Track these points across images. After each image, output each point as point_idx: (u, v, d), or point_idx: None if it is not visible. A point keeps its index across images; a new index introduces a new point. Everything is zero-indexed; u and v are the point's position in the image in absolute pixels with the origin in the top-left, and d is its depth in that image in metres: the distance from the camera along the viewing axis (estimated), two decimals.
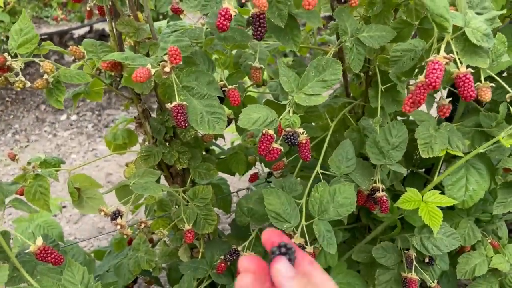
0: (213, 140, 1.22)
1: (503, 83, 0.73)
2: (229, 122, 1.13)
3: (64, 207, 2.74)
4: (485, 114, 1.14)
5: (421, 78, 0.64)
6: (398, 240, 1.17)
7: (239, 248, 1.02)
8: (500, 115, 1.06)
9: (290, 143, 0.74)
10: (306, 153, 0.77)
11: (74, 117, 3.56)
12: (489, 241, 1.32)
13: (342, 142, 0.94)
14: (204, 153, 1.19)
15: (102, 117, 3.57)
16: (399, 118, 1.35)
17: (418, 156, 1.36)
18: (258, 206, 0.97)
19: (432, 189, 1.08)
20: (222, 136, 1.17)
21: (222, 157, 1.23)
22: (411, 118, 1.32)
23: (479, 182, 1.12)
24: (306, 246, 0.85)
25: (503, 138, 1.02)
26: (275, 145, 0.76)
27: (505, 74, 1.25)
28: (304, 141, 0.77)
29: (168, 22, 1.07)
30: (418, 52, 0.72)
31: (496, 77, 0.84)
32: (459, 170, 1.12)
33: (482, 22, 0.63)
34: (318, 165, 0.93)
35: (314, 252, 1.16)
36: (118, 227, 0.80)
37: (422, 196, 1.06)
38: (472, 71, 0.64)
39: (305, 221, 0.86)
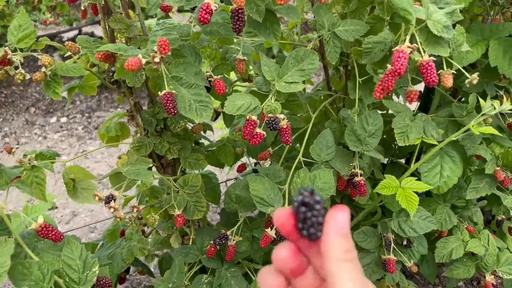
0: (202, 133, 1.28)
1: (466, 73, 0.80)
2: (217, 115, 1.19)
3: (56, 207, 2.77)
4: (456, 105, 1.21)
5: (389, 66, 0.71)
6: (378, 225, 1.24)
7: (228, 233, 1.08)
8: (470, 104, 1.13)
9: (272, 127, 0.80)
10: (287, 137, 0.84)
11: (64, 119, 3.58)
12: (465, 226, 1.40)
13: (322, 131, 1.01)
14: (194, 145, 1.24)
15: (92, 119, 3.60)
16: (379, 112, 1.43)
17: (397, 146, 1.43)
18: (244, 192, 1.03)
19: (409, 176, 1.15)
20: (211, 128, 1.23)
21: (211, 149, 1.29)
22: (390, 111, 1.40)
23: (452, 169, 1.19)
24: None
25: (473, 126, 1.10)
26: (258, 130, 0.82)
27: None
28: (285, 126, 0.83)
29: (157, 21, 1.13)
30: (388, 44, 0.79)
31: (461, 69, 0.91)
32: (434, 157, 1.19)
33: (443, 15, 0.71)
34: (300, 153, 1.00)
35: None
36: (112, 210, 0.85)
37: (400, 183, 1.13)
38: (434, 59, 0.71)
39: (288, 205, 0.92)
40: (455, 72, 0.77)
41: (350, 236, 0.35)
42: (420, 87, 1.50)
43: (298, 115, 1.22)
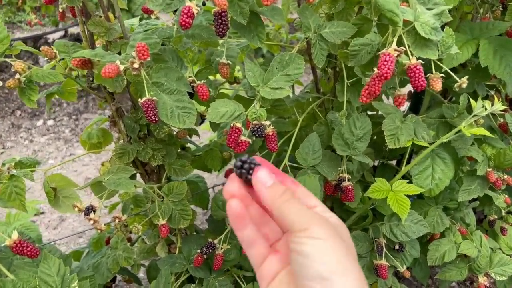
0: (189, 138, 1.24)
1: (454, 76, 0.78)
2: (203, 119, 1.16)
3: (42, 213, 2.71)
4: (447, 106, 1.19)
5: (375, 70, 0.68)
6: (370, 230, 1.22)
7: (215, 241, 1.05)
8: (461, 105, 1.11)
9: (257, 135, 0.77)
10: (273, 145, 0.81)
11: (50, 122, 3.52)
12: (458, 228, 1.38)
13: (309, 135, 0.98)
14: (179, 150, 1.21)
15: (79, 121, 3.54)
16: (369, 112, 1.40)
17: (387, 148, 1.41)
18: None
19: (400, 179, 1.13)
20: (197, 133, 1.20)
21: (197, 154, 1.26)
22: (380, 112, 1.38)
23: (444, 171, 1.17)
24: None
25: (464, 127, 1.08)
26: (243, 137, 0.79)
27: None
28: (270, 133, 0.80)
29: (140, 20, 1.10)
30: (375, 46, 0.76)
31: (450, 72, 0.88)
32: (425, 160, 1.17)
33: (431, 17, 0.68)
34: (286, 157, 0.97)
35: None
36: (92, 222, 0.81)
37: (391, 186, 1.11)
38: (422, 62, 0.69)
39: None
40: (444, 75, 0.74)
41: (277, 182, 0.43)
42: (410, 87, 1.48)
43: (286, 118, 1.20)
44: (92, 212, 0.81)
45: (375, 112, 1.45)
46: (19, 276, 0.69)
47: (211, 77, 1.24)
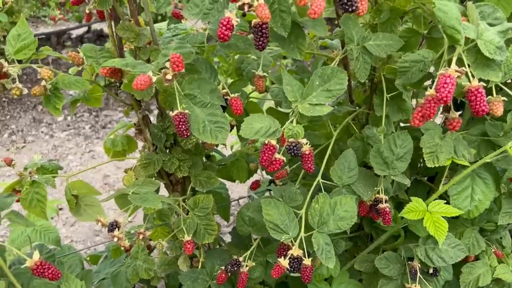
0: (214, 147, 1.20)
1: (510, 92, 0.71)
2: (231, 127, 1.11)
3: (60, 209, 2.71)
4: (491, 123, 1.12)
5: (431, 91, 0.62)
6: (401, 250, 1.16)
7: (240, 258, 1.00)
8: (508, 124, 1.04)
9: (293, 154, 0.72)
10: (309, 165, 0.76)
11: (71, 118, 3.53)
12: (493, 250, 1.31)
13: (344, 152, 0.92)
14: (204, 160, 1.16)
15: (99, 118, 3.54)
16: (402, 124, 1.33)
17: (422, 165, 1.34)
18: (258, 215, 0.95)
19: (436, 199, 1.06)
20: (224, 143, 1.15)
21: (223, 164, 1.21)
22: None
23: (485, 192, 1.10)
24: (304, 258, 0.83)
25: (510, 148, 1.00)
26: (277, 155, 0.74)
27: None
28: (307, 152, 0.75)
29: (168, 24, 1.05)
30: (428, 63, 0.70)
31: (503, 87, 0.82)
32: (464, 179, 1.10)
33: (495, 34, 0.62)
34: (319, 174, 0.91)
35: (314, 262, 1.15)
36: (115, 239, 0.77)
37: (427, 206, 1.04)
38: (484, 84, 0.62)
39: (304, 233, 0.84)
40: (505, 99, 0.68)
41: None
42: None
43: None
44: (117, 228, 0.77)
45: (408, 124, 1.38)
46: None
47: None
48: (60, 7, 3.43)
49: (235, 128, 1.19)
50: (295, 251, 0.83)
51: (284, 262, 0.84)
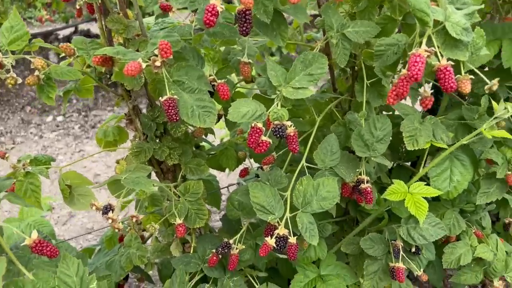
0: (203, 137, 1.23)
1: (483, 76, 0.76)
2: (218, 117, 1.15)
3: (52, 208, 2.72)
4: (467, 107, 1.17)
5: (403, 71, 0.67)
6: (385, 231, 1.20)
7: (231, 241, 1.04)
8: (482, 107, 1.09)
9: (278, 135, 0.76)
10: (294, 145, 0.80)
11: (60, 118, 3.53)
12: (473, 231, 1.36)
13: (327, 137, 0.97)
14: (195, 149, 1.20)
15: (89, 118, 3.55)
16: (384, 113, 1.38)
17: (404, 149, 1.39)
18: (246, 199, 0.99)
19: (417, 181, 1.11)
20: (212, 132, 1.19)
21: (212, 153, 1.25)
22: (396, 112, 1.36)
23: (463, 173, 1.15)
24: (290, 237, 0.87)
25: (485, 129, 1.06)
26: (264, 138, 0.77)
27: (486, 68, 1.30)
28: (292, 134, 0.79)
29: (155, 19, 1.09)
30: (401, 46, 0.75)
31: (477, 71, 0.87)
32: (443, 162, 1.15)
33: (462, 17, 0.66)
34: (303, 158, 0.96)
35: (301, 246, 1.19)
36: (110, 221, 0.81)
37: (408, 188, 1.09)
38: (453, 63, 0.67)
39: (290, 213, 0.88)
40: (473, 77, 0.72)
41: None
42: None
43: (302, 118, 1.18)
44: (111, 211, 0.81)
45: (390, 113, 1.43)
46: (38, 276, 0.68)
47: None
48: (46, 7, 3.43)
49: (223, 121, 1.23)
50: (281, 231, 0.88)
51: (270, 241, 0.88)
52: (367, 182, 1.00)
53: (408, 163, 1.52)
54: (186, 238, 1.14)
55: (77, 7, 1.05)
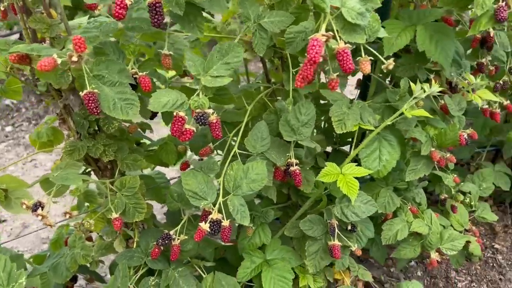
0: (143, 133, 1.25)
1: (381, 58, 0.82)
2: (155, 114, 1.17)
3: (4, 221, 2.64)
4: (391, 90, 1.25)
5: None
6: (324, 213, 1.26)
7: (171, 232, 1.06)
8: (401, 89, 1.17)
9: (200, 122, 0.79)
10: (217, 132, 0.83)
11: (9, 128, 3.42)
12: (409, 207, 1.45)
13: (257, 124, 1.01)
14: (135, 145, 1.22)
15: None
16: (321, 102, 1.45)
17: (338, 135, 1.46)
18: (182, 189, 1.02)
19: (350, 162, 1.18)
20: (149, 127, 1.21)
21: (152, 148, 1.26)
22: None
23: (391, 153, 1.23)
24: (223, 220, 0.91)
25: (406, 110, 1.13)
26: (187, 126, 0.80)
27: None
28: (214, 121, 0.82)
29: (89, 18, 1.09)
30: (308, 33, 0.80)
31: (379, 55, 0.90)
32: (372, 143, 1.22)
33: (357, 2, 0.72)
34: (236, 145, 0.99)
35: (246, 234, 1.23)
36: (40, 217, 0.81)
37: (341, 169, 1.15)
38: (351, 46, 0.73)
39: (223, 198, 0.92)
40: (372, 58, 0.78)
41: None
42: (360, 75, 1.54)
43: (240, 109, 1.22)
44: (40, 208, 0.81)
45: (326, 101, 1.50)
46: None
47: (165, 73, 1.25)
48: None
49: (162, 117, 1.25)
50: (215, 215, 0.91)
51: (204, 226, 0.91)
52: (296, 164, 1.05)
53: (347, 148, 1.60)
54: (129, 234, 1.16)
55: (1, 8, 1.04)
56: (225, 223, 0.91)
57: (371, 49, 0.79)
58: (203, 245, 1.18)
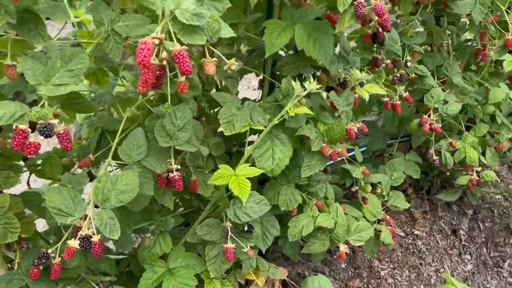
0: None
1: (224, 59, 0.81)
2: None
3: None
4: (279, 90, 1.26)
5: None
6: (223, 216, 1.25)
7: (49, 251, 1.01)
8: (284, 88, 1.18)
9: (45, 134, 0.75)
10: (66, 143, 0.79)
11: None
12: (314, 202, 1.47)
13: (132, 131, 0.98)
14: (15, 162, 1.15)
15: None
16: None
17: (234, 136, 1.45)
18: None
19: (245, 163, 1.17)
20: None
21: (37, 164, 1.20)
22: None
23: (283, 151, 1.23)
24: (94, 236, 0.87)
25: (290, 108, 1.14)
26: (32, 139, 0.76)
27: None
28: (62, 132, 0.78)
29: None
30: None
31: (221, 55, 0.91)
32: (265, 142, 1.23)
33: (192, 3, 0.71)
34: (110, 155, 0.96)
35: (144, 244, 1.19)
36: None
37: (235, 171, 1.15)
38: (187, 48, 0.71)
39: (93, 212, 0.88)
40: (217, 59, 0.78)
41: None
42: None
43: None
44: None
45: None
46: None
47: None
48: None
49: None
50: (84, 231, 0.87)
51: (73, 243, 0.88)
52: (176, 170, 1.03)
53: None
54: (10, 256, 1.09)
55: None
56: (95, 238, 0.87)
57: (214, 50, 0.78)
58: (93, 259, 1.13)
